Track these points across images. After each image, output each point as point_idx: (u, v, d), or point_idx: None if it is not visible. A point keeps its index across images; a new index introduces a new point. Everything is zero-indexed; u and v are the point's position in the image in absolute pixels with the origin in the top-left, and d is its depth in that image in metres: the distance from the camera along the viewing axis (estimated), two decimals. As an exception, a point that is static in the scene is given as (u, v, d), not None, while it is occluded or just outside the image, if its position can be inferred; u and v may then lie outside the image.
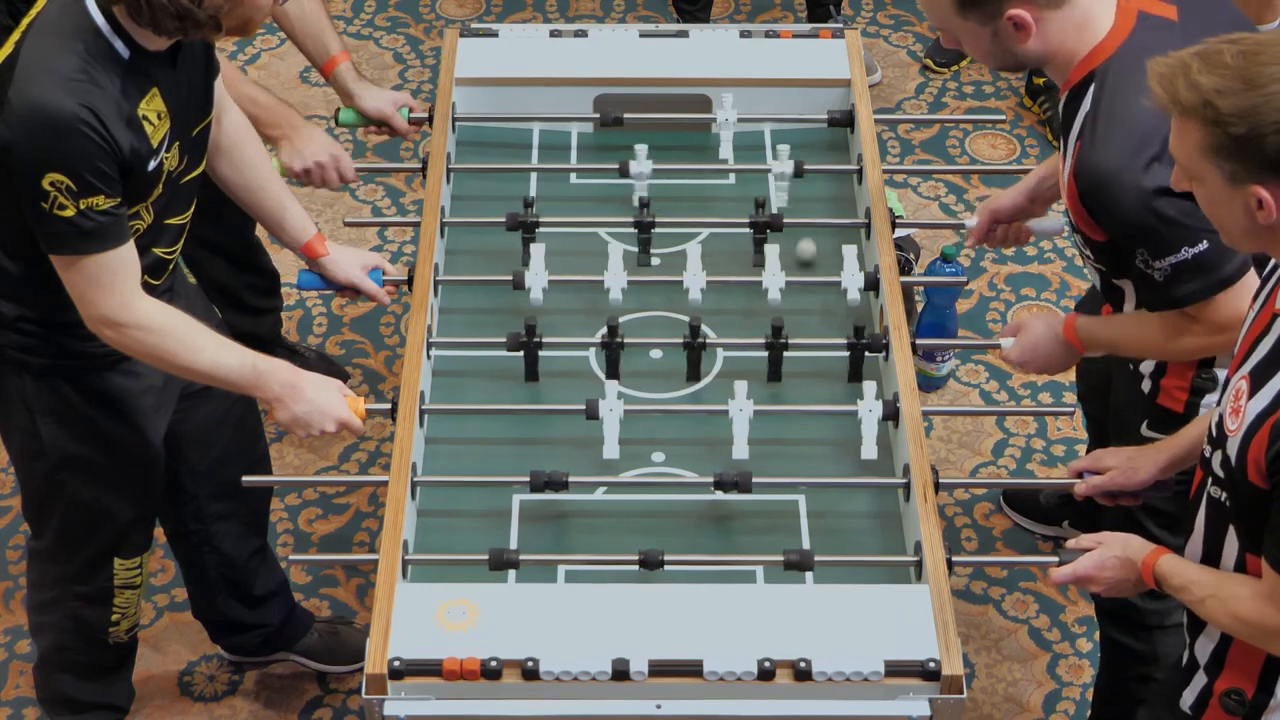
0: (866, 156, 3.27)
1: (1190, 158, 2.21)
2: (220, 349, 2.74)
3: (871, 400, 2.82)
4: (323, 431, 2.78)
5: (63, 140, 2.50)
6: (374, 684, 2.46)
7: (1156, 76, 2.19)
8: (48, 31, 2.56)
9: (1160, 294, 2.69)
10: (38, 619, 3.27)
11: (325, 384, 2.80)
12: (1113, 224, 2.65)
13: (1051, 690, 3.59)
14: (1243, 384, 2.28)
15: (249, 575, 3.38)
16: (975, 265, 4.45)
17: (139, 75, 2.59)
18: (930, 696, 2.46)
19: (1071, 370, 4.16)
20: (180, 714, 3.55)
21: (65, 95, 2.50)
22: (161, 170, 2.69)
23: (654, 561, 2.62)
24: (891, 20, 5.23)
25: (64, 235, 2.57)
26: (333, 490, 3.96)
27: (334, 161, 3.35)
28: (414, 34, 5.16)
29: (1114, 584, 2.54)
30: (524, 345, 2.94)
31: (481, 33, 3.53)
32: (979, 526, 3.90)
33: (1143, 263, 2.66)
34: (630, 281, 3.05)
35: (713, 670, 2.45)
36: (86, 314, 2.66)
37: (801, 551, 2.65)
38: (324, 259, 3.09)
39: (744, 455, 2.78)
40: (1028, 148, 4.79)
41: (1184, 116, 2.18)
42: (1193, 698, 2.48)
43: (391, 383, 4.14)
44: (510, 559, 2.64)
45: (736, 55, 3.49)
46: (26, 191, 2.54)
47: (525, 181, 3.36)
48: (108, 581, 3.15)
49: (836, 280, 3.05)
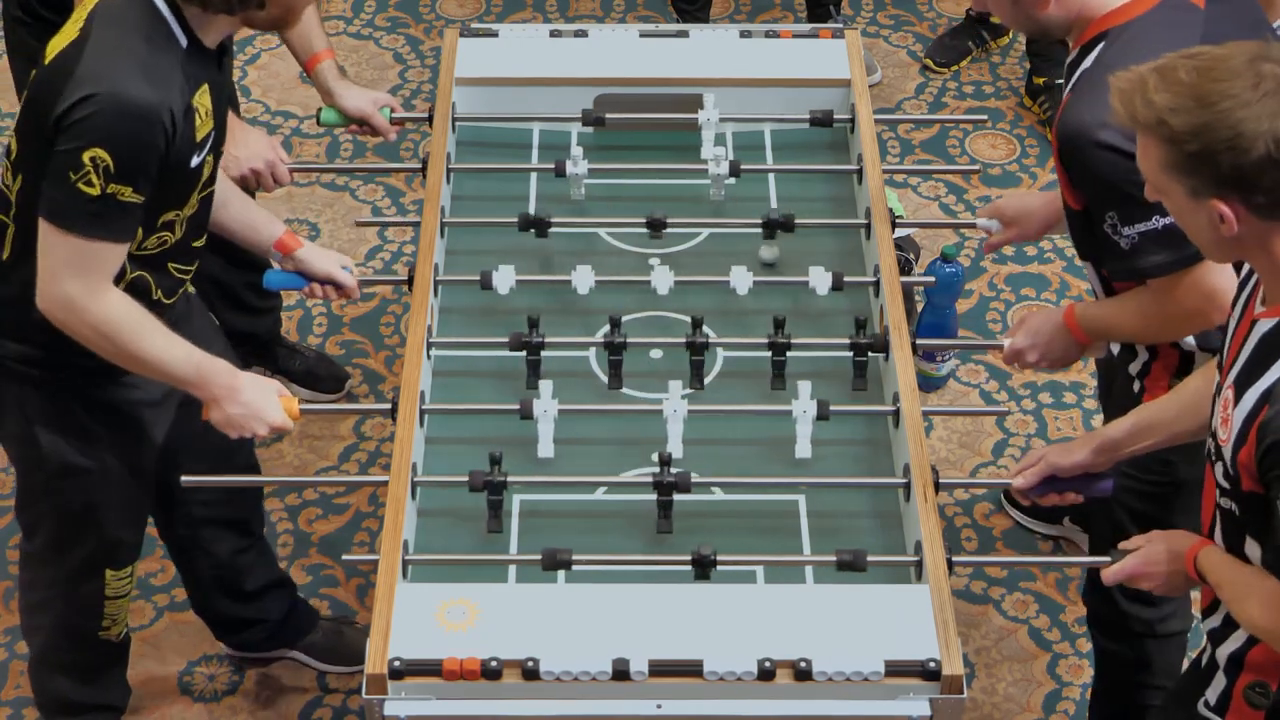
0: (866, 156, 3.27)
1: (1153, 172, 2.23)
2: (168, 345, 2.71)
3: (806, 400, 2.83)
4: (254, 434, 2.79)
5: (133, 126, 2.50)
6: (374, 684, 2.46)
7: (1117, 92, 2.21)
8: (116, 19, 2.57)
9: (1127, 264, 2.67)
10: (30, 620, 3.27)
11: (262, 387, 2.80)
12: (1088, 182, 2.63)
13: (1051, 690, 3.59)
14: (1229, 393, 2.28)
15: (240, 573, 3.38)
16: (975, 265, 4.45)
17: (195, 67, 2.61)
18: (930, 696, 2.46)
19: (1072, 370, 4.19)
20: (180, 714, 3.55)
21: (150, 86, 2.51)
22: (201, 172, 2.68)
23: (707, 561, 2.61)
24: (891, 20, 5.23)
25: (75, 210, 2.54)
26: (333, 490, 3.96)
27: (269, 167, 3.30)
28: (414, 34, 5.16)
29: (1165, 579, 2.51)
30: (526, 345, 2.94)
31: (481, 33, 3.54)
32: (979, 526, 3.90)
33: (1111, 228, 2.64)
34: (629, 281, 3.05)
35: (713, 670, 2.45)
36: (46, 290, 2.61)
37: (854, 552, 2.64)
38: (299, 252, 3.07)
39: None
40: (1028, 148, 4.79)
41: (1143, 133, 2.20)
42: (1215, 697, 2.48)
43: (391, 383, 4.14)
44: (564, 559, 2.63)
45: (736, 55, 3.49)
46: (62, 156, 2.52)
47: (525, 181, 3.36)
48: (98, 591, 3.14)
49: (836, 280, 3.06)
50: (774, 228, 3.15)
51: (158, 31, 2.57)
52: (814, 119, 3.39)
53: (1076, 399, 4.14)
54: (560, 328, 3.03)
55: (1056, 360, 2.97)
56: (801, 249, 3.19)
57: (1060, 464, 2.68)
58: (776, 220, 3.15)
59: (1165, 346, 2.86)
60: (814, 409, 2.82)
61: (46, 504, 3.01)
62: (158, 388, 2.89)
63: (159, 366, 2.72)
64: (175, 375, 2.75)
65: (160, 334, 2.71)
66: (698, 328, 2.96)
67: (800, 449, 2.83)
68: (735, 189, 3.34)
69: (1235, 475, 2.27)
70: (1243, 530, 2.34)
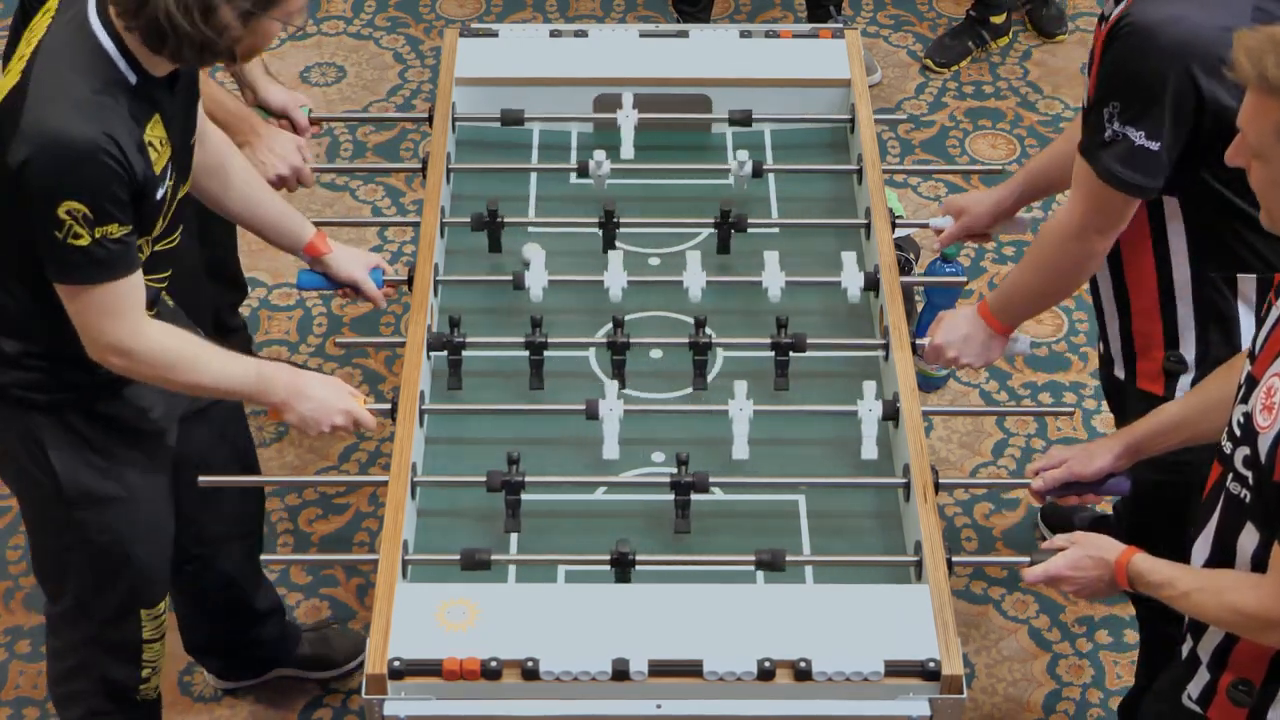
0: (866, 156, 3.27)
1: (1262, 136, 2.16)
2: (225, 362, 2.71)
3: (871, 400, 2.83)
4: (333, 427, 2.76)
5: (82, 167, 2.45)
6: (374, 684, 2.46)
7: (1244, 49, 2.13)
8: (58, 58, 2.50)
9: (1086, 142, 2.70)
10: (63, 690, 3.15)
11: (327, 381, 2.80)
12: (1120, 69, 2.63)
13: (1051, 690, 3.59)
14: (1276, 381, 2.25)
15: (250, 593, 3.35)
16: (975, 265, 4.45)
17: (144, 101, 2.55)
18: (930, 696, 2.46)
19: (1072, 369, 4.19)
20: (180, 714, 3.55)
21: (85, 121, 2.45)
22: (165, 201, 2.65)
23: (625, 561, 2.61)
24: (891, 20, 5.23)
25: (77, 264, 2.51)
26: (333, 490, 3.96)
27: (295, 173, 3.31)
28: (414, 34, 5.16)
29: (1088, 584, 2.52)
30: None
31: (481, 33, 3.53)
32: (979, 526, 3.90)
33: (1108, 114, 2.65)
34: (630, 282, 3.05)
35: (713, 670, 2.45)
36: (93, 342, 2.60)
37: (773, 551, 2.64)
38: (327, 256, 3.08)
39: (744, 455, 2.78)
40: (1028, 148, 4.79)
41: (1266, 94, 2.12)
42: (1198, 691, 2.48)
43: (391, 383, 4.14)
44: (482, 559, 2.63)
45: (736, 55, 3.49)
46: (41, 220, 2.48)
47: (525, 181, 3.36)
48: (135, 635, 3.05)
49: (836, 280, 3.06)
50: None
51: (99, 68, 2.49)
52: (733, 119, 3.39)
53: (1077, 399, 4.14)
54: (560, 328, 3.03)
55: (976, 356, 3.00)
56: (802, 249, 3.19)
57: (1083, 473, 2.68)
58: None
59: (1148, 351, 2.87)
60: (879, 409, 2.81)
61: (71, 541, 2.90)
62: (159, 402, 2.85)
63: (222, 386, 2.72)
64: (240, 390, 2.74)
65: (215, 354, 2.71)
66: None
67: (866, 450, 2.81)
68: (735, 189, 3.34)
69: (1267, 464, 2.24)
70: (1245, 517, 2.33)
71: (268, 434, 4.01)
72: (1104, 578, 2.50)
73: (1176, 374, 2.87)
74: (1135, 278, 2.86)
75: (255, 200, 3.00)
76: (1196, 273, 2.79)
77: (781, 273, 3.04)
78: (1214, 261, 2.77)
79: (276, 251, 3.17)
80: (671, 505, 2.76)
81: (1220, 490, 2.39)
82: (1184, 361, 2.85)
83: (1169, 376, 2.88)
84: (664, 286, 3.11)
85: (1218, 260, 2.77)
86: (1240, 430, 2.32)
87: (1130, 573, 2.45)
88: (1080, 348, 4.25)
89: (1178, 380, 2.87)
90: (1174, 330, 2.85)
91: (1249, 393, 2.32)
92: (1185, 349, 2.85)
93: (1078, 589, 2.54)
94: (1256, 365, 2.34)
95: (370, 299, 3.11)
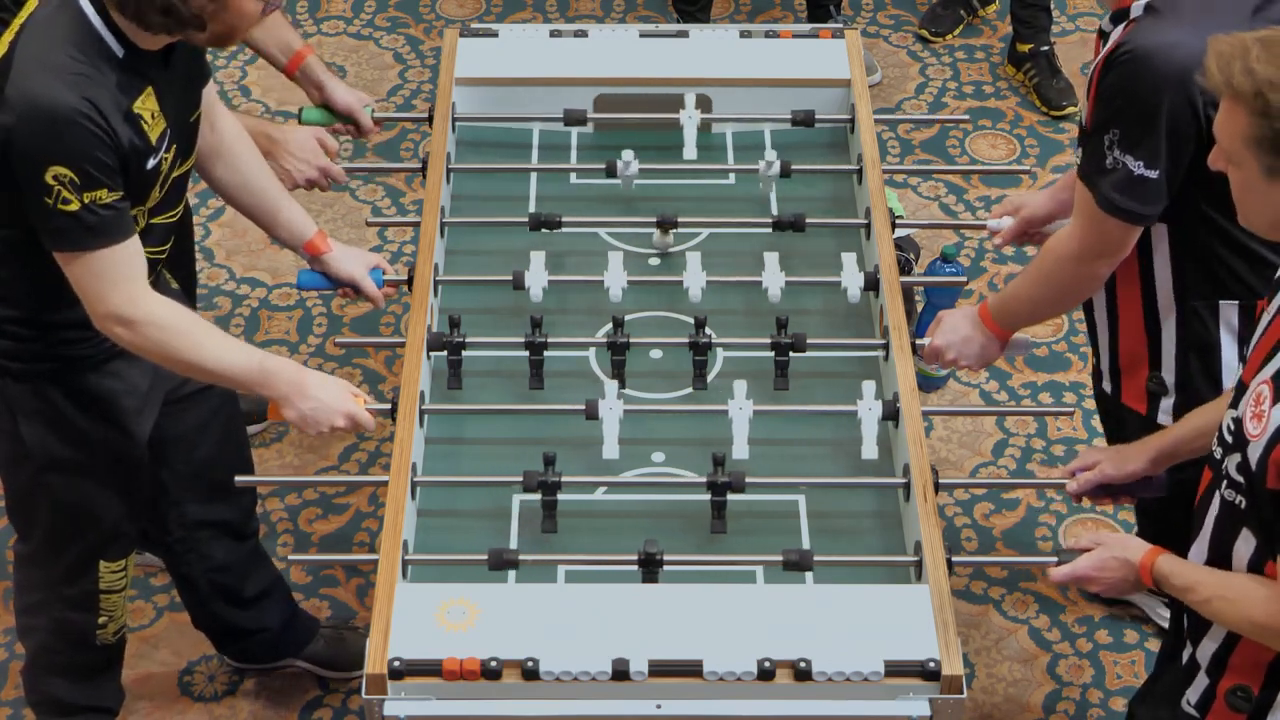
0: (866, 156, 3.27)
1: (1232, 142, 2.17)
2: (228, 346, 2.74)
3: (871, 400, 2.83)
4: (332, 428, 2.77)
5: (64, 132, 2.51)
6: (374, 684, 2.46)
7: (1215, 55, 2.14)
8: (43, 30, 2.57)
9: (1087, 167, 2.71)
10: (24, 622, 3.26)
11: (331, 380, 2.80)
12: (1118, 97, 2.64)
13: (1051, 690, 3.59)
14: (1264, 389, 2.25)
15: (238, 578, 3.37)
16: (975, 265, 4.45)
17: (133, 74, 2.60)
18: (930, 696, 2.46)
19: (1072, 369, 4.19)
20: (180, 714, 3.55)
21: (65, 88, 2.51)
22: (160, 170, 2.69)
23: (654, 561, 2.62)
24: (891, 20, 5.23)
25: (69, 230, 2.57)
26: (333, 490, 3.96)
27: (323, 174, 3.32)
28: (414, 34, 5.16)
29: (1113, 584, 2.54)
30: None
31: (481, 33, 3.54)
32: (979, 526, 3.90)
33: (1109, 141, 2.66)
34: (630, 282, 3.05)
35: (713, 670, 2.45)
36: (95, 311, 2.65)
37: (801, 551, 2.65)
38: (327, 256, 3.09)
39: (744, 455, 2.78)
40: (1028, 148, 4.79)
41: (1234, 101, 2.14)
42: (1196, 696, 2.48)
43: (391, 383, 4.14)
44: (510, 559, 2.64)
45: (736, 55, 3.49)
46: (30, 187, 2.55)
47: (525, 181, 3.36)
48: (93, 585, 3.13)
49: (836, 280, 3.06)
50: (785, 228, 3.15)
51: (87, 41, 2.56)
52: (795, 119, 3.39)
53: (1077, 399, 4.14)
54: (560, 328, 3.03)
55: (974, 357, 3.00)
56: (802, 249, 3.19)
57: (1116, 476, 2.69)
58: (787, 220, 3.15)
59: (1134, 366, 2.87)
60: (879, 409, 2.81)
61: (37, 500, 3.00)
62: (143, 379, 2.89)
63: (223, 369, 2.72)
64: (239, 377, 2.75)
65: (219, 336, 2.73)
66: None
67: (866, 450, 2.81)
68: (735, 189, 3.35)
69: (1257, 471, 2.25)
70: (1240, 523, 2.33)
71: (270, 433, 4.02)
72: (1129, 578, 2.51)
73: (1159, 395, 2.88)
74: (1125, 296, 2.87)
75: (262, 190, 3.03)
76: (1180, 300, 2.80)
77: (781, 273, 3.05)
78: (1198, 290, 2.78)
79: (277, 251, 3.18)
80: (672, 505, 2.77)
81: (1213, 496, 2.39)
82: (1164, 385, 2.86)
83: (1151, 397, 2.89)
84: (664, 286, 3.11)
85: (1201, 289, 2.78)
86: (1231, 437, 2.33)
87: (1155, 575, 2.45)
88: (1080, 348, 4.24)
89: (1159, 402, 2.88)
90: (1157, 353, 2.86)
91: (1238, 398, 2.33)
92: (1166, 373, 2.86)
93: (1103, 588, 2.56)
94: (1245, 370, 2.34)
95: (370, 299, 3.12)
